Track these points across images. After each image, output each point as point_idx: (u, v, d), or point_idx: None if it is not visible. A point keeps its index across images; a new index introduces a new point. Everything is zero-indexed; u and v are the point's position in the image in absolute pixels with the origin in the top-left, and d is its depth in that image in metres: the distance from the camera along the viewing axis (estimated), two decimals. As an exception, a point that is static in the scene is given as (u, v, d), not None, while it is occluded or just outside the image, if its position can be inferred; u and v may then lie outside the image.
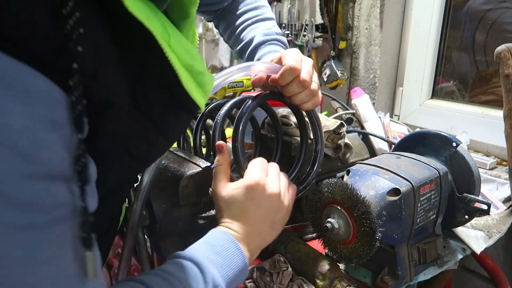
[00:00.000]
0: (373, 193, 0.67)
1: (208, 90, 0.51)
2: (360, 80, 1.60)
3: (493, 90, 1.38)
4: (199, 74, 0.48)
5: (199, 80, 0.48)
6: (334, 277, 0.67)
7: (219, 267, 0.53)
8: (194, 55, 0.47)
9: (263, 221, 0.61)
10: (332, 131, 0.92)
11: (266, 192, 0.61)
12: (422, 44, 1.48)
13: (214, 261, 0.53)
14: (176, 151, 0.75)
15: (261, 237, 0.61)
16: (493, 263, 0.93)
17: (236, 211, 0.60)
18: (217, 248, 0.55)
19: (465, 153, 0.78)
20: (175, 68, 0.43)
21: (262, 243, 0.62)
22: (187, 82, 0.45)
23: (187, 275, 0.50)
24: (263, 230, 0.61)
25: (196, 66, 0.47)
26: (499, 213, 0.98)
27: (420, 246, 0.73)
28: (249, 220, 0.60)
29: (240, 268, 0.56)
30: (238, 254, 0.56)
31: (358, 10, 1.56)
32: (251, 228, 0.60)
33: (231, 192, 0.61)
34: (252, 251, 0.59)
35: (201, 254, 0.53)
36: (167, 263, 0.52)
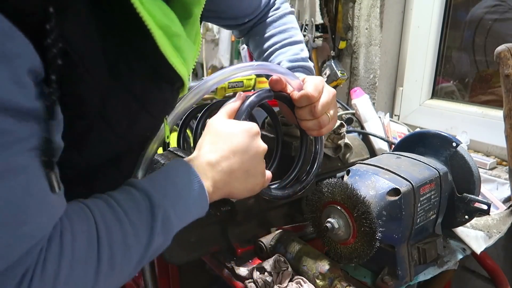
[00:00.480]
0: (373, 193, 0.67)
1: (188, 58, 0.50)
2: (360, 80, 1.60)
3: (493, 90, 1.38)
4: (175, 36, 0.47)
5: (176, 43, 0.47)
6: (334, 277, 0.67)
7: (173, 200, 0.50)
8: (171, 17, 0.46)
9: (240, 165, 0.58)
10: (332, 131, 0.92)
11: (256, 142, 0.60)
12: (422, 44, 1.48)
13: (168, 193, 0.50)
14: (176, 151, 0.75)
15: (231, 178, 0.58)
16: (493, 263, 0.93)
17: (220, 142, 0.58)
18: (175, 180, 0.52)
19: (465, 153, 0.78)
20: (149, 26, 0.42)
21: (227, 185, 0.58)
22: (163, 44, 0.45)
23: (136, 207, 0.48)
24: (236, 174, 0.58)
25: (173, 27, 0.46)
26: (499, 213, 0.98)
27: (420, 246, 0.73)
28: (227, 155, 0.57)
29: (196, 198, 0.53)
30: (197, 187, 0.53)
31: (358, 10, 1.56)
32: (225, 162, 0.56)
33: (226, 123, 0.60)
34: (217, 189, 0.56)
35: (154, 184, 0.50)
36: (120, 189, 0.50)
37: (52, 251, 0.39)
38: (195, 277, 1.30)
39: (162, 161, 0.71)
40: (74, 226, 0.42)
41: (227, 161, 0.57)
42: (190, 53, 0.51)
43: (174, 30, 0.46)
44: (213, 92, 1.47)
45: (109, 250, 0.44)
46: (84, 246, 0.42)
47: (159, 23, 0.44)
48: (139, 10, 0.41)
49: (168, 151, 0.76)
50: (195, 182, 0.53)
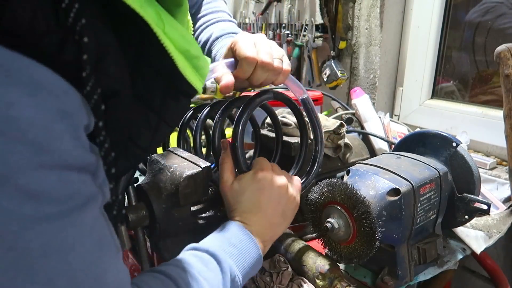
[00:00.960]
0: (373, 193, 0.67)
1: (205, 74, 0.52)
2: (360, 80, 1.60)
3: (493, 90, 1.38)
4: (195, 59, 0.48)
5: (195, 64, 0.48)
6: (334, 277, 0.67)
7: (235, 258, 0.54)
8: (189, 40, 0.47)
9: (274, 212, 0.62)
10: (332, 131, 0.92)
11: (275, 184, 0.62)
12: (422, 44, 1.48)
13: (230, 252, 0.54)
14: (175, 151, 0.75)
15: (273, 228, 0.62)
16: (493, 263, 0.93)
17: (247, 203, 0.61)
18: (232, 240, 0.56)
19: (465, 153, 0.78)
20: (171, 54, 0.43)
21: (274, 234, 0.63)
22: (183, 67, 0.46)
23: (205, 265, 0.51)
24: (274, 221, 0.62)
25: (192, 50, 0.47)
26: (499, 213, 0.98)
27: (420, 246, 0.73)
28: (261, 211, 0.61)
29: (255, 259, 0.57)
30: (252, 245, 0.57)
31: (358, 10, 1.56)
32: (263, 219, 0.60)
33: (241, 185, 0.62)
34: (265, 242, 0.60)
35: (216, 246, 0.54)
36: (184, 254, 0.53)
37: None
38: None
39: (162, 161, 0.71)
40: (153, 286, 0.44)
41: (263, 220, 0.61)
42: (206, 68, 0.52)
43: (194, 53, 0.48)
44: (212, 92, 1.47)
45: None
46: None
47: (180, 49, 0.45)
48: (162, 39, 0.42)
49: (168, 151, 0.75)
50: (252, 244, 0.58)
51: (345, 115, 1.36)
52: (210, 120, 0.85)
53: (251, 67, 0.62)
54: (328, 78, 1.59)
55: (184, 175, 0.64)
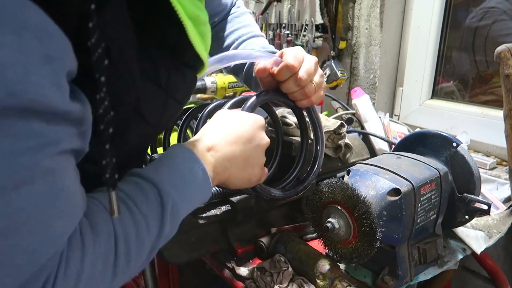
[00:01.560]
0: (374, 193, 0.67)
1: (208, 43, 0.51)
2: (360, 80, 1.60)
3: (493, 90, 1.38)
4: (202, 25, 0.48)
5: (201, 30, 0.48)
6: (335, 277, 0.67)
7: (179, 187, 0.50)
8: (199, 6, 0.47)
9: (242, 152, 0.58)
10: (333, 131, 0.92)
11: (261, 133, 0.61)
12: (422, 44, 1.48)
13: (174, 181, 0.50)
14: (176, 151, 0.75)
15: (231, 163, 0.57)
16: (493, 263, 0.93)
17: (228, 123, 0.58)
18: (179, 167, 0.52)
19: (465, 153, 0.78)
20: (182, 19, 0.43)
21: (229, 172, 0.57)
22: (192, 33, 0.45)
23: (145, 197, 0.47)
24: (236, 161, 0.57)
25: (202, 16, 0.47)
26: (499, 213, 0.98)
27: (420, 246, 0.73)
28: (233, 135, 0.57)
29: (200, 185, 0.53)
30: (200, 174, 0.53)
31: (358, 10, 1.56)
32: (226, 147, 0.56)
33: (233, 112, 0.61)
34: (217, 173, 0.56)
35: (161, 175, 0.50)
36: (126, 180, 0.49)
37: (74, 250, 0.39)
38: (195, 277, 1.30)
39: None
40: (93, 224, 0.42)
41: (230, 146, 0.57)
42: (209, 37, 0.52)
43: (202, 19, 0.47)
44: (213, 92, 1.47)
45: (125, 244, 0.44)
46: (104, 242, 0.42)
47: (190, 14, 0.45)
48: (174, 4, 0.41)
49: (168, 151, 0.76)
50: (199, 169, 0.53)
51: (345, 115, 1.36)
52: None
53: (288, 74, 0.66)
54: (328, 78, 1.59)
55: (184, 175, 0.64)
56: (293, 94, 0.69)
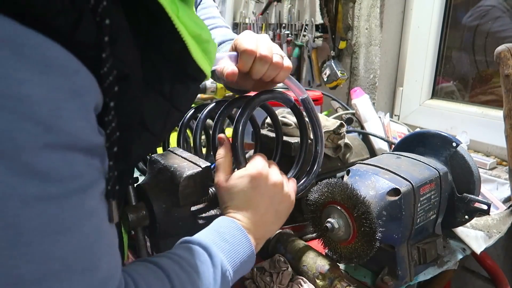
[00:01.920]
0: (373, 193, 0.67)
1: (213, 58, 0.52)
2: (360, 80, 1.60)
3: (493, 90, 1.38)
4: (205, 43, 0.49)
5: (205, 48, 0.49)
6: (334, 277, 0.67)
7: (227, 253, 0.53)
8: (201, 25, 0.48)
9: (268, 210, 0.61)
10: (332, 131, 0.92)
11: (269, 181, 0.62)
12: (422, 44, 1.48)
13: (222, 247, 0.53)
14: (175, 151, 0.75)
15: (266, 226, 0.62)
16: (493, 263, 0.93)
17: (241, 200, 0.60)
18: (225, 235, 0.55)
19: (465, 153, 0.78)
20: (184, 38, 0.44)
21: (267, 232, 0.63)
22: (195, 51, 0.46)
23: (197, 259, 0.50)
24: (267, 219, 0.62)
25: (203, 35, 0.48)
26: (499, 213, 0.98)
27: (420, 246, 0.73)
28: (254, 209, 0.60)
29: (248, 255, 0.56)
30: (245, 242, 0.56)
31: (358, 10, 1.56)
32: (256, 217, 0.60)
33: (235, 181, 0.61)
34: (258, 240, 0.60)
35: (209, 240, 0.53)
36: (176, 247, 0.52)
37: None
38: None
39: (162, 161, 0.71)
40: (145, 278, 0.43)
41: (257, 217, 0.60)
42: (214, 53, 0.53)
43: (204, 37, 0.48)
44: (213, 92, 1.47)
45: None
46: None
47: (192, 33, 0.46)
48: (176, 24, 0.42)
49: (168, 151, 0.76)
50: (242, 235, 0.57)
51: (345, 115, 1.36)
52: (210, 120, 0.85)
53: (250, 59, 0.63)
54: (328, 78, 1.59)
55: (184, 175, 0.64)
56: (266, 74, 0.65)
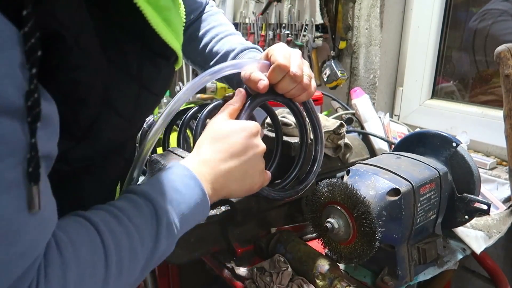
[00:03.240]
0: (373, 193, 0.67)
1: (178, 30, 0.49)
2: (360, 80, 1.60)
3: (493, 90, 1.38)
4: (165, 10, 0.46)
5: (166, 17, 0.46)
6: (334, 277, 0.67)
7: (175, 204, 0.50)
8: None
9: (239, 164, 0.58)
10: (332, 131, 0.92)
11: (255, 141, 0.60)
12: (422, 44, 1.48)
13: (170, 197, 0.50)
14: (175, 151, 0.75)
15: (228, 179, 0.57)
16: (493, 263, 0.93)
17: (218, 143, 0.58)
18: (176, 183, 0.51)
19: (465, 153, 0.78)
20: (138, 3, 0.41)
21: (226, 187, 0.58)
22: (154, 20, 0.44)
23: (139, 211, 0.47)
24: (233, 173, 0.58)
25: (162, 1, 0.45)
26: (499, 213, 0.98)
27: (420, 246, 0.73)
28: (226, 151, 0.57)
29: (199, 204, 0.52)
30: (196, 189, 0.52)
31: (358, 10, 1.56)
32: (223, 162, 0.57)
33: (225, 123, 0.60)
34: (214, 191, 0.56)
35: (155, 190, 0.49)
36: (120, 197, 0.49)
37: (52, 265, 0.38)
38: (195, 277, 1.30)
39: (162, 161, 0.71)
40: (71, 237, 0.41)
41: (225, 162, 0.57)
42: (179, 24, 0.50)
43: (163, 4, 0.45)
44: (213, 92, 1.47)
45: (116, 256, 0.43)
46: (89, 253, 0.41)
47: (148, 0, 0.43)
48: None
49: (168, 151, 0.76)
50: (196, 186, 0.53)
51: (345, 115, 1.36)
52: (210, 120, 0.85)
53: (282, 74, 0.64)
54: (328, 78, 1.59)
55: (184, 175, 0.64)
56: (291, 92, 0.67)
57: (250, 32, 2.05)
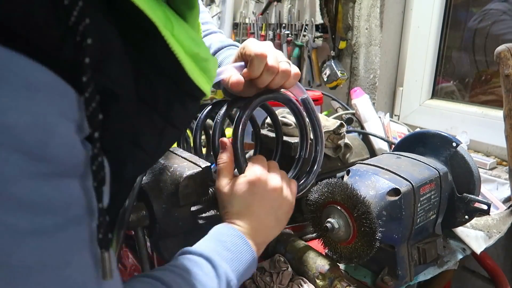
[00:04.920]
0: (373, 193, 0.67)
1: (212, 76, 0.51)
2: (360, 80, 1.60)
3: (493, 90, 1.38)
4: (203, 61, 0.47)
5: (203, 66, 0.47)
6: (334, 277, 0.67)
7: (230, 262, 0.53)
8: (199, 43, 0.46)
9: (268, 215, 0.62)
10: (332, 131, 0.92)
11: (269, 186, 0.62)
12: (422, 44, 1.48)
13: (224, 256, 0.53)
14: (175, 151, 0.75)
15: (266, 231, 0.62)
16: (493, 263, 0.93)
17: (240, 206, 0.61)
18: (226, 244, 0.55)
19: (465, 153, 0.78)
20: (179, 57, 0.42)
21: (268, 237, 0.63)
22: (191, 70, 0.44)
23: (200, 270, 0.50)
24: (268, 223, 0.62)
25: (201, 53, 0.46)
26: (499, 213, 0.98)
27: (420, 246, 0.73)
28: (254, 215, 0.60)
29: (250, 262, 0.56)
30: (246, 248, 0.56)
31: (358, 10, 1.56)
32: (256, 222, 0.60)
33: (234, 188, 0.62)
34: (259, 245, 0.60)
35: (211, 250, 0.53)
36: (178, 259, 0.52)
37: None
38: (195, 277, 1.30)
39: (162, 161, 0.71)
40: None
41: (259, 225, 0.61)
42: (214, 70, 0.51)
43: (203, 56, 0.46)
44: (213, 92, 1.47)
45: None
46: None
47: (188, 52, 0.44)
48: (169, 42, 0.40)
49: (168, 151, 0.75)
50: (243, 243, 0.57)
51: (345, 115, 1.36)
52: (210, 120, 0.85)
53: (262, 63, 0.62)
54: (328, 78, 1.59)
55: (184, 175, 0.64)
56: (273, 83, 0.65)
57: (250, 32, 2.06)
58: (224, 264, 0.52)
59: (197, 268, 0.50)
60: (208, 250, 0.53)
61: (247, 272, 0.56)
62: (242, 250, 0.56)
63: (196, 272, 0.49)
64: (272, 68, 0.63)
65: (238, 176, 0.63)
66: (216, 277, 0.50)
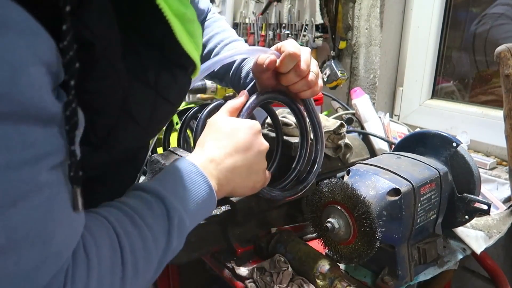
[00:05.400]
0: (373, 193, 0.67)
1: (199, 42, 0.50)
2: (360, 80, 1.60)
3: (493, 90, 1.38)
4: (189, 23, 0.47)
5: (189, 29, 0.47)
6: (335, 277, 0.67)
7: (185, 202, 0.50)
8: (185, 3, 0.46)
9: (244, 161, 0.58)
10: (332, 131, 0.92)
11: (259, 139, 0.61)
12: (422, 44, 1.48)
13: (180, 195, 0.50)
14: (175, 151, 0.75)
15: (234, 176, 0.58)
16: (493, 263, 0.93)
17: (225, 134, 0.58)
18: (184, 181, 0.52)
19: (465, 153, 0.78)
20: (168, 17, 0.42)
21: (231, 183, 0.58)
22: (179, 31, 0.44)
23: (151, 211, 0.47)
24: (239, 169, 0.58)
25: (188, 14, 0.46)
26: (499, 213, 0.98)
27: (420, 246, 0.73)
28: (232, 146, 0.58)
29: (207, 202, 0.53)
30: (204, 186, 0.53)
31: (358, 10, 1.56)
32: (230, 158, 0.57)
33: (228, 120, 0.61)
34: (221, 186, 0.56)
35: (166, 188, 0.50)
36: (130, 195, 0.49)
37: (79, 266, 0.38)
38: (195, 277, 1.30)
39: (162, 161, 0.71)
40: (95, 237, 0.41)
41: (230, 158, 0.57)
42: (200, 36, 0.51)
43: (189, 16, 0.46)
44: (213, 92, 1.47)
45: (132, 257, 0.43)
46: (109, 255, 0.41)
47: (175, 12, 0.44)
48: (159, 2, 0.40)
49: (168, 151, 0.76)
50: (203, 182, 0.53)
51: (345, 115, 1.36)
52: (210, 120, 0.85)
53: (292, 63, 0.64)
54: (328, 78, 1.59)
55: (184, 175, 0.64)
56: (295, 86, 0.67)
57: (250, 32, 2.05)
58: (179, 205, 0.49)
59: (147, 208, 0.47)
60: (162, 188, 0.49)
61: (203, 213, 0.53)
62: (199, 188, 0.52)
63: (146, 212, 0.47)
64: (300, 71, 0.65)
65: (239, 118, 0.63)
66: (167, 219, 0.48)
